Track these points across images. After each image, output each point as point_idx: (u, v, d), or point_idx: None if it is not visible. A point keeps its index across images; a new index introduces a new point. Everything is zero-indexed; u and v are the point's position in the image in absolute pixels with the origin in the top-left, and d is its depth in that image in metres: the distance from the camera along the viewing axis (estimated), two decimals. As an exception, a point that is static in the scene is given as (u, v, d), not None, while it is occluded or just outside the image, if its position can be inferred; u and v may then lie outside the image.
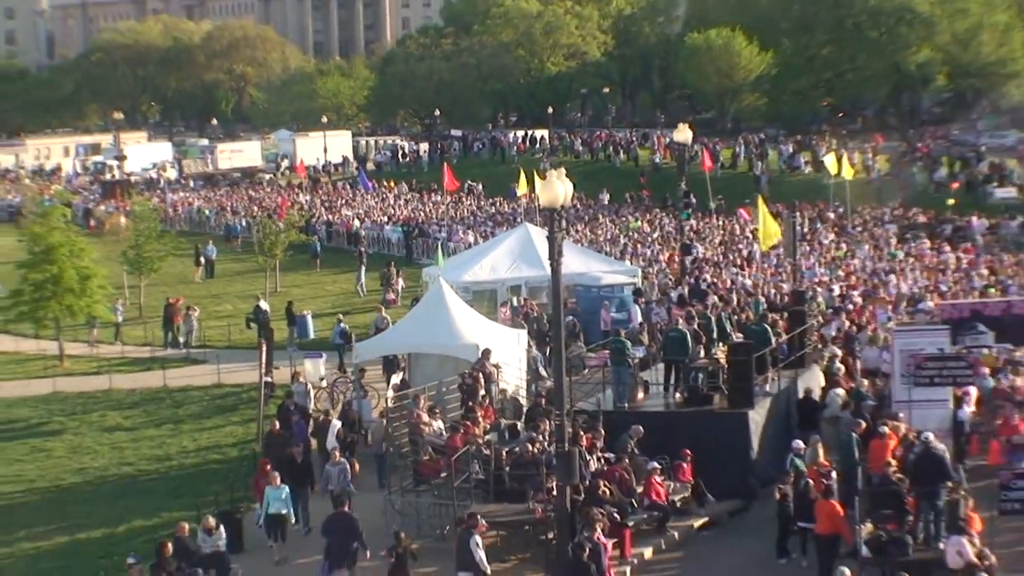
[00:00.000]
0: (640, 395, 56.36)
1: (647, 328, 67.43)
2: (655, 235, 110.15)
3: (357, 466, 51.76)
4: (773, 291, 77.15)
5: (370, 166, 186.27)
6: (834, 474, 46.96)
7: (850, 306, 72.69)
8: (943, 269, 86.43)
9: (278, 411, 58.54)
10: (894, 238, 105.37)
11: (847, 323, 67.54)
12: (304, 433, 55.37)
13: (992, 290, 72.32)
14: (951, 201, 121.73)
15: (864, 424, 50.87)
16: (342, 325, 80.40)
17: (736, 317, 65.45)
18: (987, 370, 54.47)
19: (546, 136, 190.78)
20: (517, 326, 66.37)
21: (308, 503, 48.14)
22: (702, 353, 56.92)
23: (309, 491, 48.42)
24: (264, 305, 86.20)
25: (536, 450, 48.53)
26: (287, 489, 45.79)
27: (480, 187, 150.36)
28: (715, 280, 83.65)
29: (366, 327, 79.28)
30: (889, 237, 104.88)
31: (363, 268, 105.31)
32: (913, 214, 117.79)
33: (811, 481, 45.64)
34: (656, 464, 48.80)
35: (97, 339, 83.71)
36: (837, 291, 79.07)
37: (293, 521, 46.02)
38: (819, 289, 79.13)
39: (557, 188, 45.45)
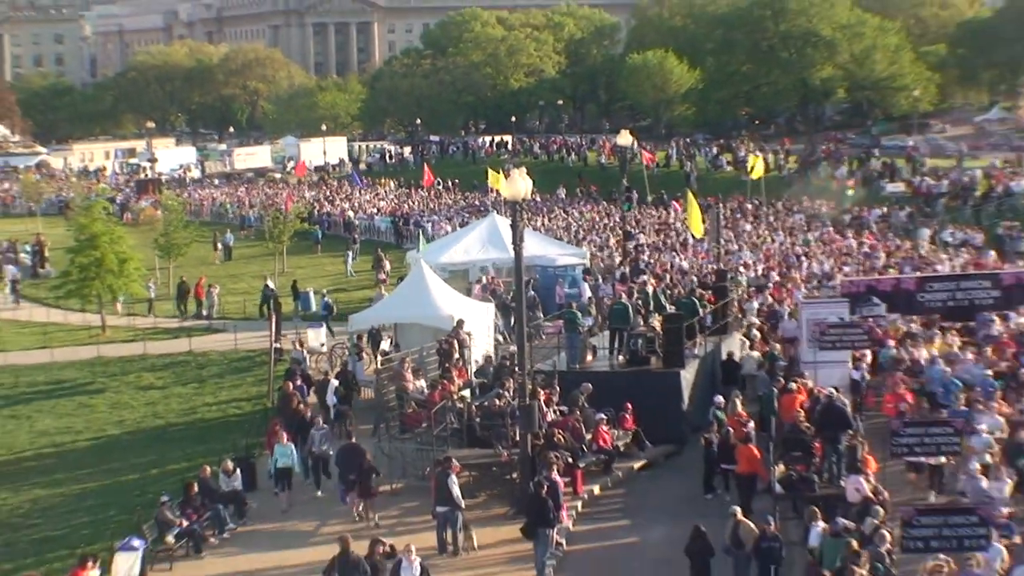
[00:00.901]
0: (589, 358, 56.47)
1: (595, 302, 67.45)
2: (603, 223, 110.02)
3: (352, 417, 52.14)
4: (703, 271, 77.11)
5: (362, 166, 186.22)
6: (751, 423, 47.19)
7: (770, 284, 73.15)
8: (848, 252, 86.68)
9: (286, 374, 58.50)
10: (804, 226, 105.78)
11: (769, 299, 68.17)
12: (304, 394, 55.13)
13: (891, 270, 72.42)
14: (850, 192, 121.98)
15: (777, 382, 51.55)
16: (326, 299, 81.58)
17: (670, 292, 65.52)
18: (892, 341, 54.84)
19: (510, 141, 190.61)
20: (486, 300, 66.40)
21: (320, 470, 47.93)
22: (641, 322, 57.07)
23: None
24: (271, 284, 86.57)
25: (502, 404, 48.66)
26: (292, 446, 45.75)
27: (457, 182, 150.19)
28: (652, 261, 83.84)
29: (359, 302, 79.35)
30: (800, 225, 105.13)
31: (350, 253, 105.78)
32: (817, 205, 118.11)
33: (732, 429, 45.86)
34: (602, 415, 49.01)
35: (122, 311, 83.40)
36: (759, 271, 79.43)
37: (297, 471, 45.89)
38: (743, 270, 79.37)
39: (519, 184, 46.13)
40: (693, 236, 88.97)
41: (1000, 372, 48.22)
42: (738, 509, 36.50)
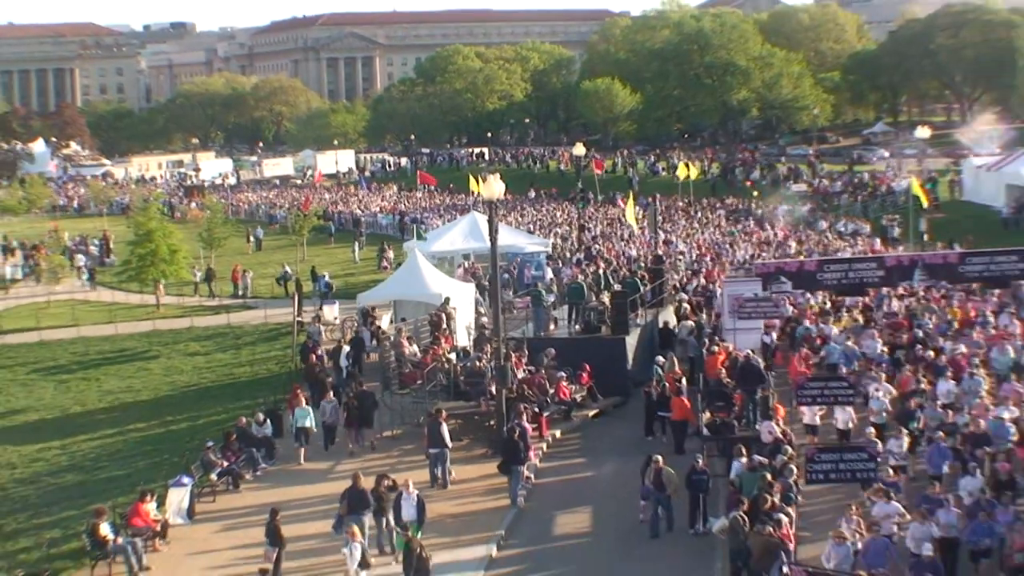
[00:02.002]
0: (551, 327, 56.66)
1: (556, 282, 67.43)
2: (562, 218, 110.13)
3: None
4: (644, 257, 77.12)
5: (367, 174, 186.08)
6: (683, 379, 47.31)
7: (703, 268, 73.25)
8: (767, 241, 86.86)
9: (303, 346, 58.43)
10: (726, 220, 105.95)
11: (703, 280, 68.35)
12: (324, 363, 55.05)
13: (802, 256, 72.59)
14: (756, 193, 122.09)
15: (704, 345, 51.78)
16: (326, 279, 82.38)
17: (617, 274, 65.60)
18: (808, 319, 55.41)
19: (486, 152, 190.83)
20: (467, 281, 66.34)
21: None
22: (594, 298, 57.16)
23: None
24: (288, 269, 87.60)
25: (481, 365, 48.75)
26: (310, 409, 45.72)
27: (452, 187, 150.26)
28: (603, 249, 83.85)
29: (365, 283, 79.29)
30: (722, 220, 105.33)
31: (357, 244, 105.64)
32: (734, 202, 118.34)
33: (668, 384, 46.09)
34: (563, 373, 49.19)
35: (163, 292, 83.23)
36: (694, 258, 79.42)
37: (315, 429, 45.88)
38: (680, 257, 79.46)
39: (494, 187, 46.29)
40: (635, 228, 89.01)
41: (896, 346, 48.30)
42: (660, 457, 36.43)
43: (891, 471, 33.96)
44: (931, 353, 45.71)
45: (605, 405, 50.55)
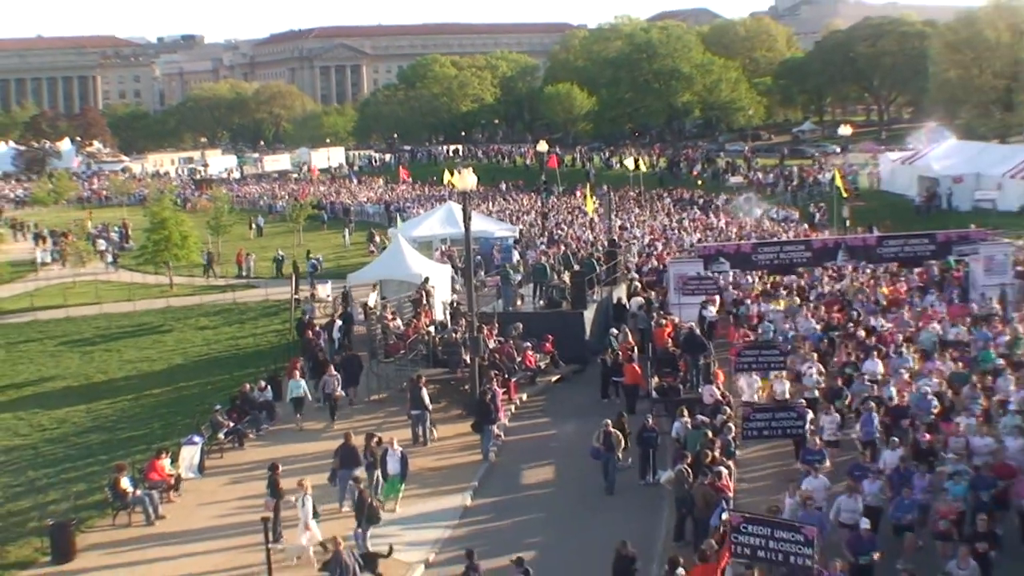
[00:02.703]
0: (518, 303, 56.58)
1: (522, 263, 67.39)
2: (528, 207, 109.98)
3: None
4: (601, 241, 77.10)
5: (355, 168, 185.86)
6: (635, 348, 47.32)
7: (655, 252, 73.24)
8: (710, 227, 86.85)
9: (298, 322, 58.26)
10: (674, 208, 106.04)
11: (655, 262, 68.26)
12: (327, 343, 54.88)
13: (742, 241, 72.70)
14: (700, 183, 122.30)
15: (652, 318, 51.87)
16: (314, 260, 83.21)
17: (576, 256, 65.58)
18: (750, 298, 55.51)
19: (461, 149, 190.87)
20: (444, 263, 66.29)
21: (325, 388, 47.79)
22: (556, 277, 57.20)
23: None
24: (282, 253, 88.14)
25: (457, 336, 48.70)
26: (303, 381, 45.28)
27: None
28: (563, 234, 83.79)
29: (354, 265, 79.09)
30: (670, 209, 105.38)
31: (347, 231, 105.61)
32: (680, 192, 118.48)
33: (621, 353, 46.11)
34: (529, 344, 49.19)
35: (172, 273, 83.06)
36: (647, 242, 79.44)
37: (309, 399, 45.77)
38: (634, 241, 79.46)
39: (467, 179, 46.31)
40: (592, 215, 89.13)
41: (830, 325, 48.04)
42: (609, 421, 36.42)
43: (818, 440, 33.22)
44: (862, 332, 45.41)
45: (566, 371, 50.48)
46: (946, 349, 42.38)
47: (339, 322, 55.83)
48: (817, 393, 38.82)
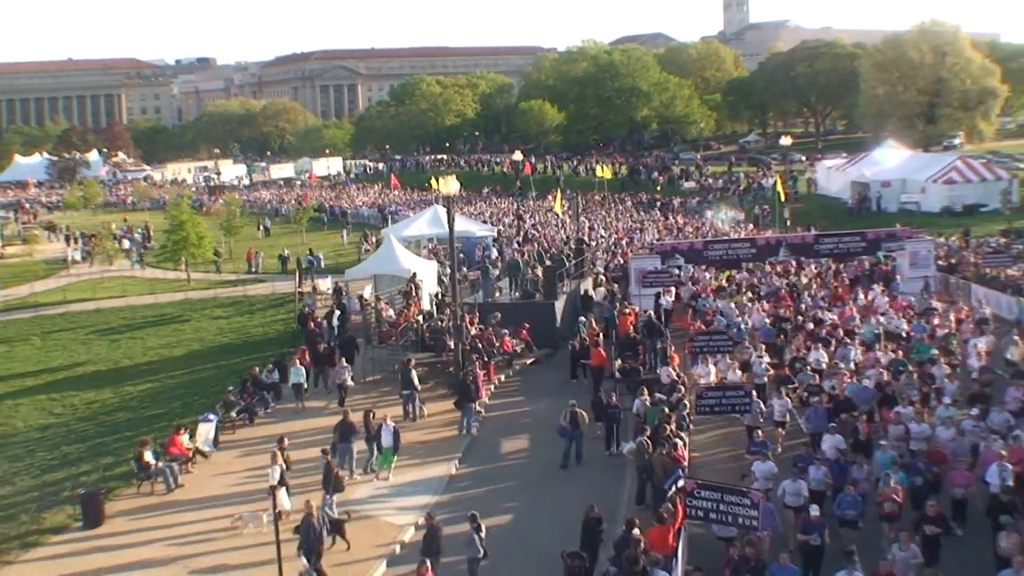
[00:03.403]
0: (497, 294, 56.44)
1: (500, 259, 67.35)
2: (505, 209, 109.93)
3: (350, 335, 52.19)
4: (570, 239, 77.05)
5: (352, 176, 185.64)
6: (600, 334, 47.40)
7: (620, 249, 73.18)
8: (670, 228, 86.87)
9: (300, 314, 58.11)
10: (635, 209, 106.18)
11: (620, 259, 67.92)
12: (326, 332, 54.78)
13: (697, 239, 72.77)
14: (659, 188, 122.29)
15: (616, 307, 51.85)
16: (309, 257, 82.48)
17: (548, 252, 65.54)
18: (709, 291, 55.44)
19: (445, 158, 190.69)
20: (431, 259, 66.17)
21: (328, 379, 47.44)
22: (530, 272, 57.17)
23: (328, 370, 47.68)
24: (287, 251, 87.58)
25: (442, 324, 48.74)
26: (303, 369, 45.23)
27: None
28: (537, 233, 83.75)
29: (350, 261, 78.88)
30: (633, 211, 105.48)
31: (345, 231, 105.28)
32: (640, 196, 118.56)
33: (588, 338, 46.02)
34: (506, 331, 49.25)
35: (184, 269, 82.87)
36: (612, 241, 79.41)
37: (307, 387, 45.49)
38: (601, 239, 79.50)
39: (451, 185, 46.29)
40: (561, 217, 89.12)
41: (780, 318, 47.44)
42: (574, 402, 36.51)
43: (759, 433, 32.47)
44: (810, 324, 45.09)
45: (539, 355, 50.54)
46: (888, 341, 42.05)
47: (337, 312, 55.93)
48: (766, 379, 38.49)
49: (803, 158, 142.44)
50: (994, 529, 25.14)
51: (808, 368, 38.43)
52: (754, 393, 35.25)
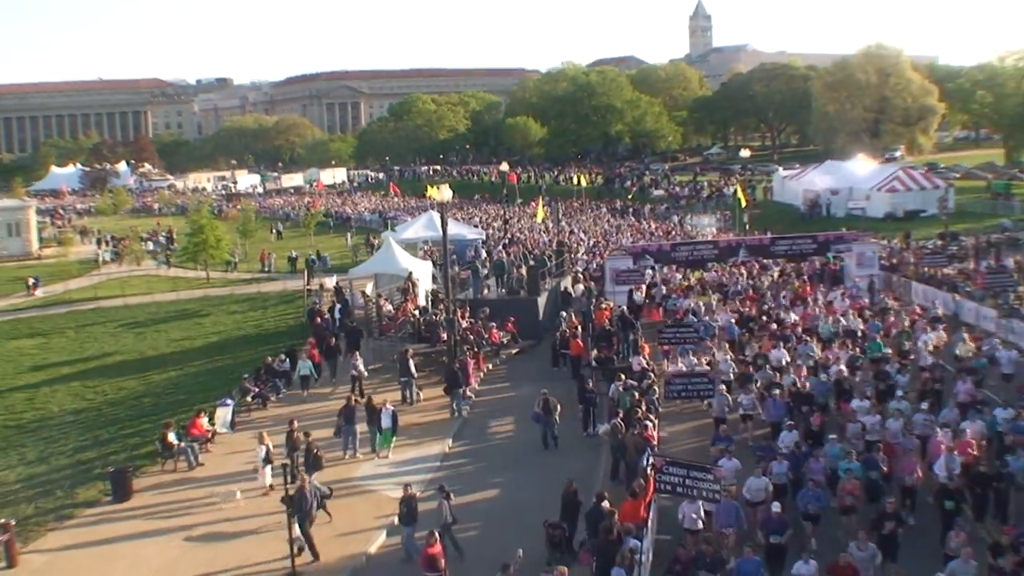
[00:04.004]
0: (485, 291, 56.66)
1: (489, 259, 67.33)
2: (494, 215, 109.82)
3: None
4: (552, 242, 76.98)
5: (355, 185, 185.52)
6: (579, 327, 47.36)
7: (599, 251, 73.18)
8: (644, 232, 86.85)
9: (308, 311, 57.91)
10: (611, 215, 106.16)
11: (598, 259, 67.77)
12: (330, 324, 54.74)
13: (666, 241, 72.75)
14: (630, 197, 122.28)
15: (592, 302, 51.94)
16: (314, 257, 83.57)
17: (531, 253, 65.61)
18: (676, 293, 55.04)
19: (439, 168, 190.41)
20: (426, 260, 66.06)
21: (336, 369, 47.22)
22: (515, 271, 57.23)
23: (337, 360, 47.59)
24: (295, 252, 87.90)
25: (437, 318, 48.65)
26: (311, 362, 44.97)
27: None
28: (522, 236, 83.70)
29: (354, 262, 78.66)
30: (609, 217, 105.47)
31: (349, 234, 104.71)
32: (614, 203, 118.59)
33: (568, 330, 46.10)
34: (494, 324, 49.24)
35: (201, 268, 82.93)
36: (591, 243, 79.36)
37: (315, 378, 45.19)
38: (582, 242, 79.44)
39: (444, 193, 47.27)
40: (542, 222, 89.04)
41: (745, 317, 46.91)
42: (546, 390, 36.57)
43: (725, 428, 32.22)
44: (774, 324, 44.51)
45: (523, 346, 50.48)
46: (845, 339, 41.45)
47: (339, 305, 56.15)
48: (732, 375, 37.71)
49: (781, 170, 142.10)
50: (941, 514, 24.98)
51: (768, 366, 37.63)
52: (722, 387, 35.26)
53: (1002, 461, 27.02)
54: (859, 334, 42.61)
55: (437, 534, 24.72)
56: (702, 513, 24.83)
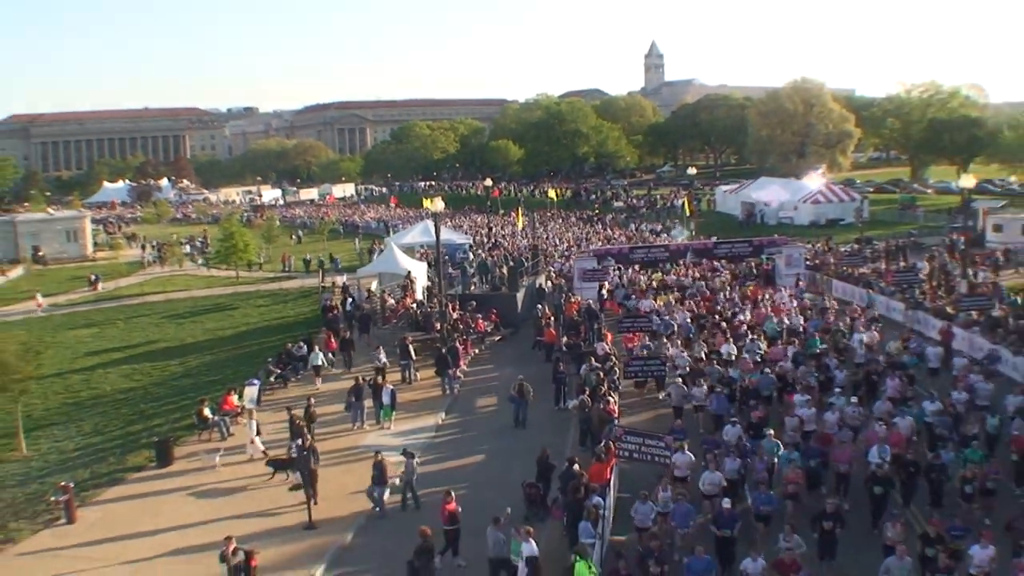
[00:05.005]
0: (472, 287, 56.33)
1: (475, 260, 67.20)
2: (479, 223, 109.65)
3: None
4: (528, 246, 76.86)
5: (362, 197, 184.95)
6: (552, 318, 47.38)
7: (570, 254, 72.98)
8: (610, 237, 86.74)
9: (322, 307, 57.39)
10: (579, 223, 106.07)
11: (570, 262, 67.17)
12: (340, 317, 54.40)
13: (626, 245, 72.69)
14: (596, 208, 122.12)
15: (563, 297, 51.99)
16: (321, 257, 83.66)
17: (512, 256, 65.60)
18: (637, 294, 53.83)
19: (433, 184, 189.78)
20: (422, 261, 65.90)
21: (351, 360, 46.07)
22: (497, 270, 57.23)
23: (351, 352, 46.94)
24: (309, 255, 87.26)
25: (431, 310, 48.65)
26: (321, 353, 44.11)
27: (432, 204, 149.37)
28: (504, 241, 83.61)
29: (361, 263, 78.44)
30: (578, 225, 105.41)
31: (357, 240, 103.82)
32: (580, 212, 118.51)
33: (543, 319, 46.16)
34: (479, 315, 49.27)
35: (239, 269, 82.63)
36: (564, 248, 79.22)
37: (326, 366, 44.27)
38: (556, 247, 79.28)
39: (438, 205, 46.48)
40: (523, 228, 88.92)
41: (700, 316, 45.81)
42: (522, 376, 36.47)
43: (680, 422, 29.90)
44: (723, 323, 42.85)
45: (504, 334, 50.44)
46: (790, 336, 40.58)
47: (350, 299, 55.89)
48: (688, 369, 36.20)
49: (723, 186, 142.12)
50: (871, 498, 24.13)
51: (714, 362, 36.41)
52: (679, 379, 34.35)
53: (935, 452, 26.04)
54: (801, 331, 41.46)
55: (453, 494, 24.74)
56: (653, 515, 23.22)
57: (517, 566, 21.13)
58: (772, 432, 27.40)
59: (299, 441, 30.29)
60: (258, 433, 33.80)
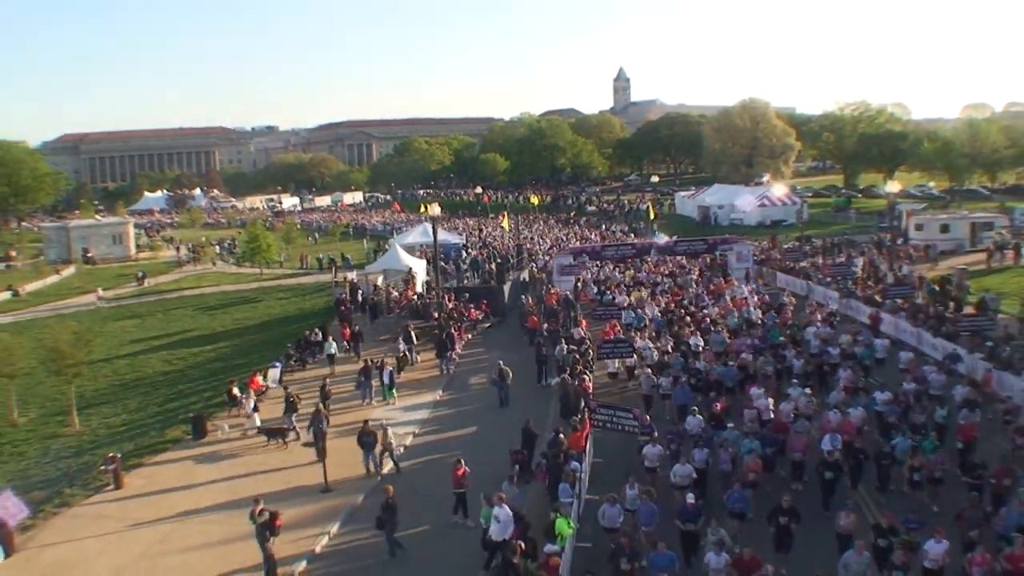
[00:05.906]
0: (465, 281, 56.36)
1: (468, 258, 67.10)
2: (471, 225, 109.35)
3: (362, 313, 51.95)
4: (514, 245, 76.69)
5: (369, 204, 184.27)
6: (534, 307, 47.30)
7: (551, 252, 72.53)
8: (587, 238, 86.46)
9: (336, 300, 57.01)
10: (558, 225, 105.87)
11: (551, 260, 67.01)
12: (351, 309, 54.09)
13: (599, 243, 72.51)
14: (572, 212, 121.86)
15: (544, 289, 51.79)
16: (331, 256, 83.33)
17: (499, 253, 65.42)
18: (611, 290, 52.55)
19: (431, 191, 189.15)
20: (422, 259, 65.65)
21: (360, 349, 45.55)
22: (487, 266, 57.13)
23: (360, 344, 46.40)
24: (322, 255, 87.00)
25: (430, 300, 48.55)
26: (335, 342, 43.26)
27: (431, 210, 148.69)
28: (493, 241, 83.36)
29: (369, 261, 78.13)
30: (554, 225, 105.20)
31: (365, 240, 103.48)
32: (558, 216, 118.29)
33: (528, 308, 46.03)
34: (472, 305, 48.94)
35: (262, 266, 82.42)
36: (547, 247, 78.98)
37: (338, 354, 43.05)
38: (538, 246, 79.04)
39: (435, 210, 46.50)
40: (508, 231, 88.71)
41: (669, 311, 43.65)
42: (501, 362, 36.04)
43: (648, 418, 27.02)
44: (688, 317, 40.79)
45: (494, 322, 50.19)
46: (749, 328, 38.73)
47: (359, 291, 55.65)
48: (655, 360, 34.54)
49: (681, 192, 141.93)
50: (821, 483, 22.91)
51: (678, 354, 34.20)
52: (648, 370, 32.26)
53: (887, 439, 24.64)
54: (759, 323, 39.81)
55: (463, 461, 24.68)
56: (622, 517, 21.16)
57: (487, 529, 21.00)
58: (732, 424, 26.02)
59: (314, 411, 30.28)
60: (255, 409, 33.88)
